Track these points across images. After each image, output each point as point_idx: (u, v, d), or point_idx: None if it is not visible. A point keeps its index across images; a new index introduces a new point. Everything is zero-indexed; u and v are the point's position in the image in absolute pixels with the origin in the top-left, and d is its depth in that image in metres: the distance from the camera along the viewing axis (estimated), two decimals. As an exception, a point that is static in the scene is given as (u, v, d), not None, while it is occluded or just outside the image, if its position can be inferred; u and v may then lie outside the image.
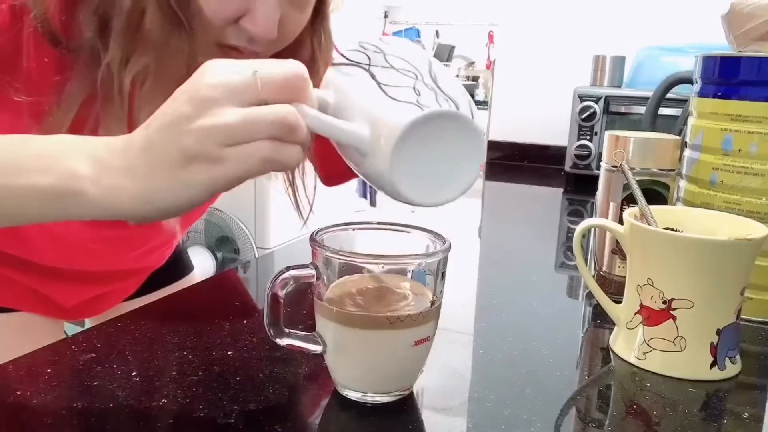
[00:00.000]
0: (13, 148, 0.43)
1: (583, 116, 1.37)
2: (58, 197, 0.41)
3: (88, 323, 0.90)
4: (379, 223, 0.51)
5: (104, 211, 0.41)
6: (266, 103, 0.39)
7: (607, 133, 0.70)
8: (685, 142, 0.72)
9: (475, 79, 4.64)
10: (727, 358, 0.52)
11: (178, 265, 0.95)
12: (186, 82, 0.40)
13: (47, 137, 0.44)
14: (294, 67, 0.40)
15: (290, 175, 0.69)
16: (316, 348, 0.47)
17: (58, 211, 0.42)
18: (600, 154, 0.82)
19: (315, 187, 0.71)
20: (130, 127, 0.53)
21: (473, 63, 4.73)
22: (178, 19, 0.50)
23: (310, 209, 0.72)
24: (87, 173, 0.40)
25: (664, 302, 0.52)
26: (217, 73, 0.39)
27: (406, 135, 0.39)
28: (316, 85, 0.43)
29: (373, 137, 0.41)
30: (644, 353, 0.54)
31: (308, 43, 0.63)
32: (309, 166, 0.70)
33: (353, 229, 0.50)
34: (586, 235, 0.60)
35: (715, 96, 0.67)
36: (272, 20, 0.52)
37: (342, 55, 0.45)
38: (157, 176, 0.39)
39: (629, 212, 0.57)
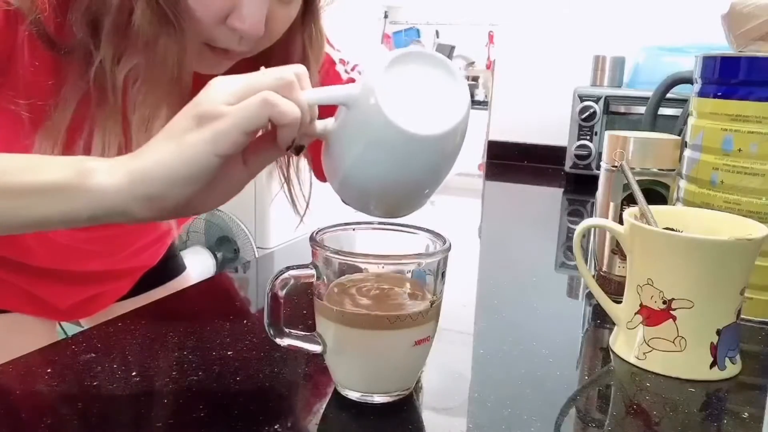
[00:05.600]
0: (31, 158, 0.46)
1: (583, 116, 1.37)
2: (74, 190, 0.42)
3: (85, 324, 0.90)
4: (379, 223, 0.51)
5: (118, 198, 0.42)
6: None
7: (607, 133, 0.70)
8: (685, 142, 0.72)
9: (475, 79, 4.63)
10: (727, 358, 0.52)
11: (171, 265, 0.94)
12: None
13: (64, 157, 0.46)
14: (294, 66, 0.44)
15: (285, 171, 0.68)
16: (316, 348, 0.47)
17: (73, 204, 0.42)
18: (600, 154, 0.82)
19: (311, 185, 0.71)
20: (125, 127, 0.54)
21: (473, 63, 4.73)
22: (167, 17, 0.50)
23: (307, 206, 0.71)
24: (103, 166, 0.43)
25: (664, 302, 0.52)
26: (220, 82, 0.42)
27: (390, 68, 0.42)
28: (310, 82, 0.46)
29: (361, 85, 0.43)
30: (644, 353, 0.54)
31: (299, 39, 0.62)
32: (304, 164, 0.70)
33: (353, 229, 0.50)
34: (586, 235, 0.60)
35: (715, 96, 0.67)
36: (259, 16, 0.52)
37: None
38: (166, 145, 0.42)
39: (629, 212, 0.57)
